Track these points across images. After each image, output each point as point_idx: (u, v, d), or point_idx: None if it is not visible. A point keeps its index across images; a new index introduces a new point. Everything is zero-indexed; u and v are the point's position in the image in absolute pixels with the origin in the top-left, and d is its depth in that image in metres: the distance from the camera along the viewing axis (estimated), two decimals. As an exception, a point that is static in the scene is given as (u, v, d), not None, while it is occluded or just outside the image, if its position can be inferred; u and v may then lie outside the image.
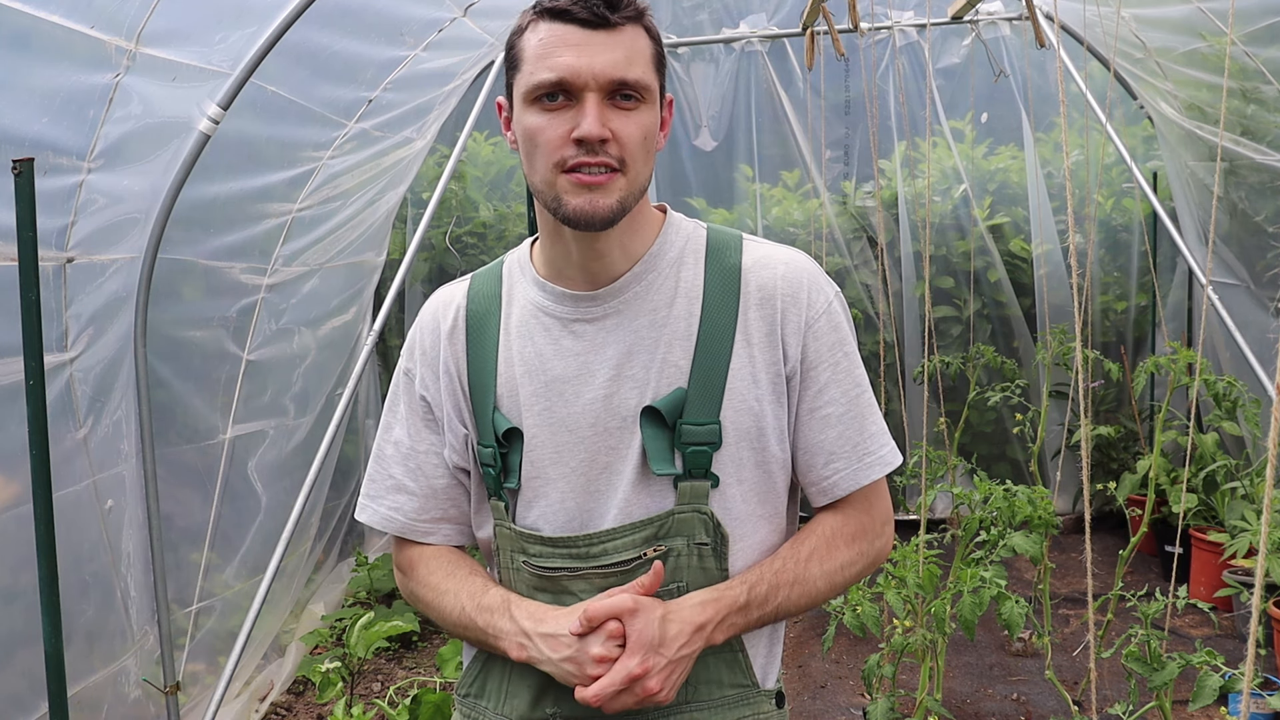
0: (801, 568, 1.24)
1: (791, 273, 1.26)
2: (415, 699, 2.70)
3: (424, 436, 1.32)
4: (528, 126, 1.16)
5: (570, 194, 1.15)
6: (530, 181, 1.20)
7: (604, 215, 1.16)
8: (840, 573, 1.27)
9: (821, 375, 1.25)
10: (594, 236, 1.20)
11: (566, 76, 1.13)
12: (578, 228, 1.17)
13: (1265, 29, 3.35)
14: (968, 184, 5.08)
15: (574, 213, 1.15)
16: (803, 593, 1.24)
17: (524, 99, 1.17)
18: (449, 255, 5.12)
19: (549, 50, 1.14)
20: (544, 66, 1.14)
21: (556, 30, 1.14)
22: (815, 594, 1.25)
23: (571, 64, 1.13)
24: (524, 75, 1.16)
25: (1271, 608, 3.42)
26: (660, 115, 1.22)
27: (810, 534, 1.27)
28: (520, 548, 1.25)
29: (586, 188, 1.14)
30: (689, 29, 5.25)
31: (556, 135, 1.14)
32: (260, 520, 3.49)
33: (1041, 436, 4.57)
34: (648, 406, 1.20)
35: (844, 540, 1.27)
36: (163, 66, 2.48)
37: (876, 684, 2.88)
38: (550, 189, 1.17)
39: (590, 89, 1.13)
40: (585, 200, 1.15)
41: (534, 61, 1.15)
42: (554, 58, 1.13)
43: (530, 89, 1.15)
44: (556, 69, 1.13)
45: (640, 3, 1.18)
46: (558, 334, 1.25)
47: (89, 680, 2.56)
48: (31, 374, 1.97)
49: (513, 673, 1.26)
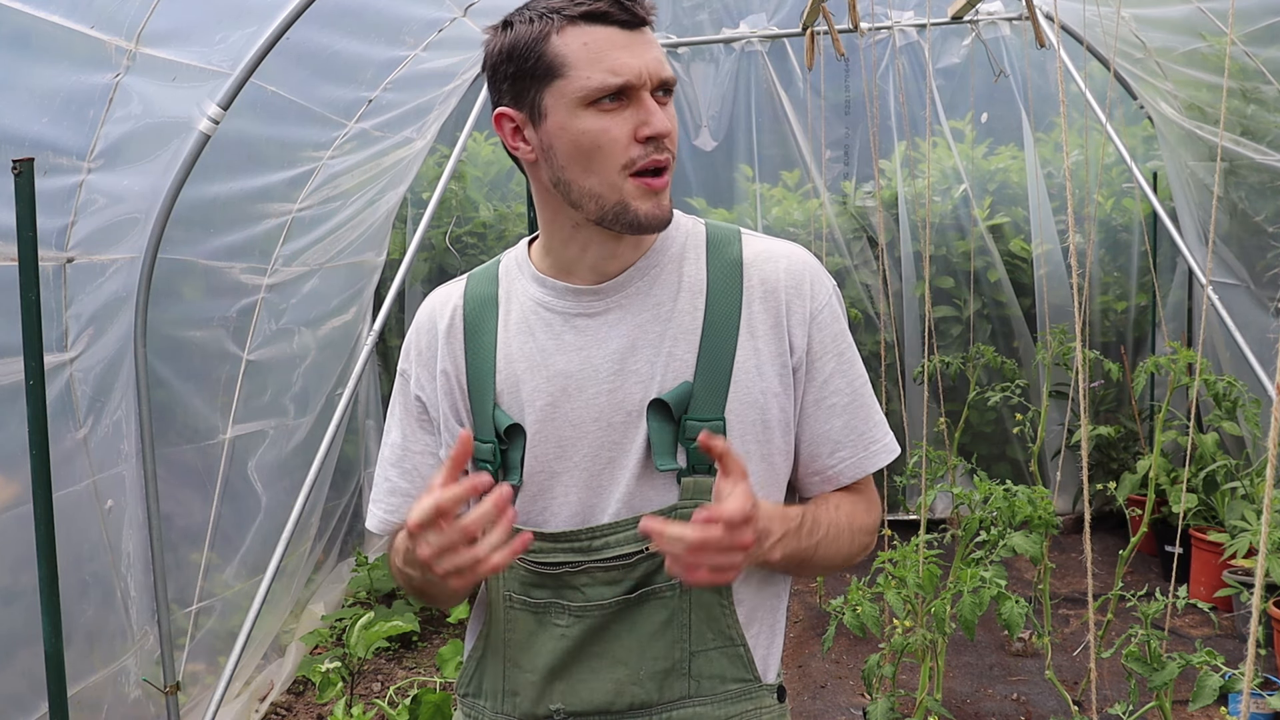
0: (834, 515, 1.26)
1: (794, 266, 1.27)
2: (415, 699, 2.70)
3: (418, 437, 1.32)
4: (586, 130, 1.15)
5: (638, 199, 1.17)
6: (582, 186, 1.18)
7: (667, 216, 1.19)
8: (862, 534, 1.29)
9: (826, 366, 1.26)
10: (619, 237, 1.22)
11: (630, 79, 1.13)
12: (643, 232, 1.19)
13: (1265, 29, 3.35)
14: (968, 184, 5.08)
15: (645, 218, 1.17)
16: (835, 538, 1.25)
17: (578, 104, 1.15)
18: (449, 255, 5.12)
19: (602, 53, 1.14)
20: (603, 69, 1.13)
21: (600, 33, 1.14)
22: (840, 547, 1.26)
23: (631, 64, 1.14)
24: (575, 80, 1.14)
25: (1271, 608, 3.42)
26: None
27: (831, 496, 1.30)
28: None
29: (654, 193, 1.17)
30: (689, 29, 5.25)
31: (623, 135, 1.15)
32: (260, 520, 3.49)
33: (1041, 436, 4.57)
34: (655, 399, 1.21)
35: (862, 509, 1.31)
36: (163, 66, 2.48)
37: (876, 684, 2.88)
38: (615, 193, 1.16)
39: (648, 88, 1.15)
40: (653, 204, 1.17)
41: (587, 65, 1.14)
42: (611, 60, 1.13)
43: (588, 93, 1.14)
44: (620, 72, 1.13)
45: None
46: (559, 329, 1.25)
47: (89, 680, 2.56)
48: (31, 374, 1.98)
49: (509, 669, 1.27)
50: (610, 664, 1.22)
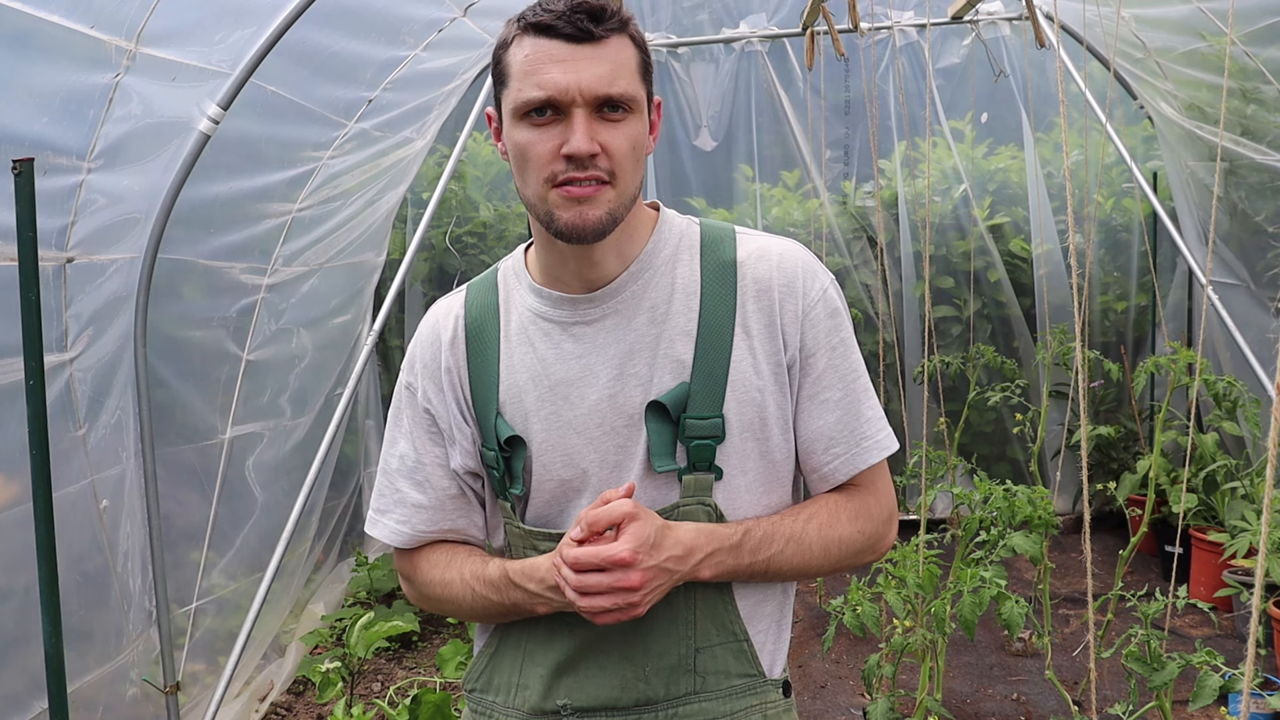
0: (800, 527, 1.24)
1: (786, 263, 1.27)
2: (415, 699, 2.70)
3: (429, 449, 1.33)
4: (517, 142, 1.17)
5: (560, 208, 1.16)
6: (522, 195, 1.22)
7: (594, 227, 1.17)
8: (838, 546, 1.27)
9: (819, 362, 1.26)
10: (588, 246, 1.21)
11: (554, 94, 1.13)
12: (570, 241, 1.18)
13: (1265, 29, 3.35)
14: (968, 184, 5.08)
15: (565, 227, 1.17)
16: (797, 552, 1.24)
17: (512, 115, 1.17)
18: (449, 255, 5.12)
19: (535, 67, 1.14)
20: (531, 84, 1.14)
21: (542, 46, 1.14)
22: (810, 558, 1.25)
23: (558, 81, 1.13)
24: (511, 92, 1.17)
25: (1271, 608, 3.42)
26: (649, 121, 1.23)
27: (814, 502, 1.29)
28: (531, 545, 1.27)
29: (576, 200, 1.16)
30: (689, 29, 5.25)
31: (546, 150, 1.15)
32: (260, 520, 3.49)
33: (1041, 436, 4.57)
34: (653, 401, 1.22)
35: (847, 516, 1.28)
36: (163, 66, 2.48)
37: (876, 684, 2.89)
38: (541, 203, 1.18)
39: (578, 105, 1.14)
40: (575, 214, 1.16)
41: (521, 78, 1.15)
42: (541, 75, 1.14)
43: (518, 106, 1.16)
44: (544, 86, 1.13)
45: (625, 13, 1.19)
46: (558, 338, 1.26)
47: (87, 679, 2.56)
48: (31, 374, 1.97)
49: (523, 664, 1.28)
50: (617, 661, 1.23)
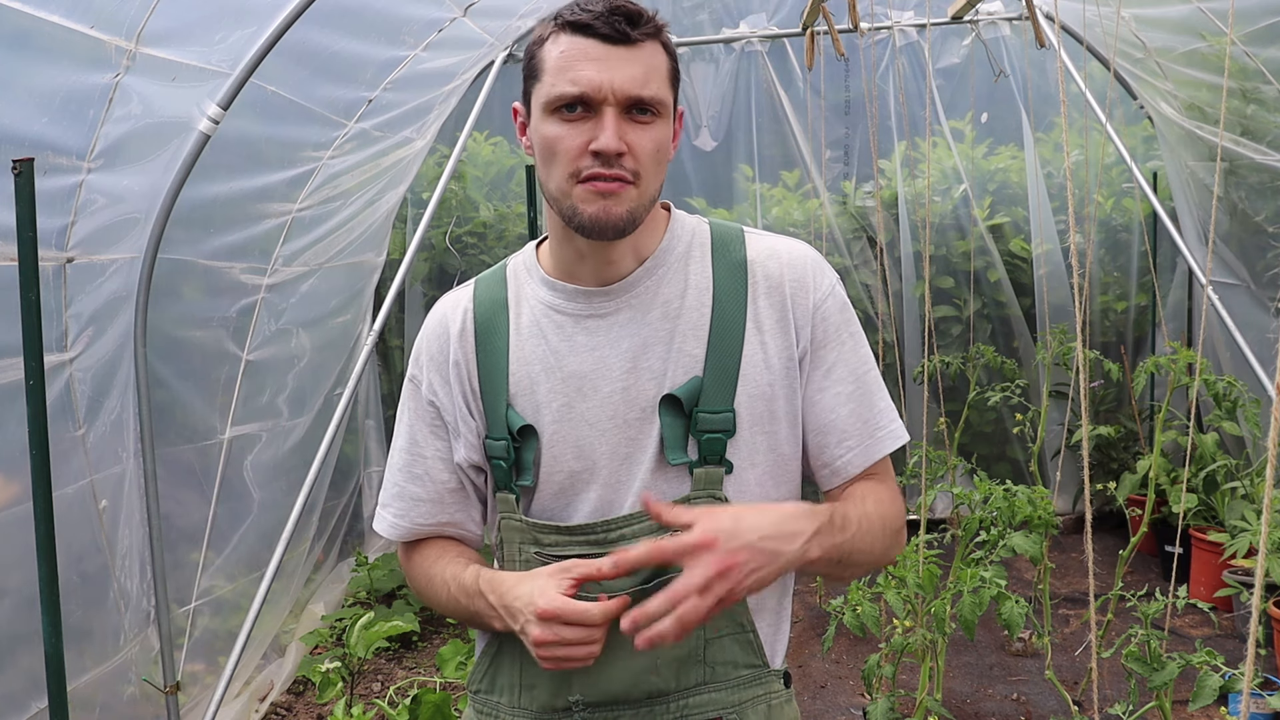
0: (859, 507, 1.24)
1: (796, 259, 1.30)
2: (415, 699, 2.70)
3: (430, 442, 1.34)
4: (546, 135, 1.20)
5: (585, 202, 1.19)
6: (545, 188, 1.23)
7: (616, 224, 1.19)
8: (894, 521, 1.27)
9: (829, 355, 1.28)
10: (607, 244, 1.23)
11: (587, 91, 1.16)
12: (591, 236, 1.20)
13: (1265, 29, 3.35)
14: (968, 184, 5.08)
15: (589, 220, 1.19)
16: (867, 532, 1.23)
17: (544, 109, 1.20)
18: (449, 255, 5.12)
19: (570, 63, 1.17)
20: (565, 79, 1.17)
21: (578, 44, 1.17)
22: (874, 540, 1.24)
23: (592, 78, 1.16)
24: (544, 86, 1.20)
25: (1271, 608, 3.42)
26: (672, 128, 1.25)
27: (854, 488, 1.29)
28: (532, 539, 1.26)
29: (600, 195, 1.18)
30: (689, 29, 5.25)
31: (574, 145, 1.18)
32: (259, 520, 3.49)
33: (1041, 436, 4.57)
34: (666, 395, 1.23)
35: (887, 495, 1.29)
36: (163, 66, 2.48)
37: (876, 684, 2.89)
38: (566, 197, 1.20)
39: (609, 103, 1.17)
40: (600, 208, 1.18)
41: (555, 73, 1.18)
42: (575, 71, 1.17)
43: (550, 100, 1.18)
44: (578, 83, 1.16)
45: (660, 20, 1.22)
46: (571, 331, 1.28)
47: (85, 679, 2.56)
48: (31, 374, 1.98)
49: (525, 664, 1.28)
50: (629, 654, 1.23)
